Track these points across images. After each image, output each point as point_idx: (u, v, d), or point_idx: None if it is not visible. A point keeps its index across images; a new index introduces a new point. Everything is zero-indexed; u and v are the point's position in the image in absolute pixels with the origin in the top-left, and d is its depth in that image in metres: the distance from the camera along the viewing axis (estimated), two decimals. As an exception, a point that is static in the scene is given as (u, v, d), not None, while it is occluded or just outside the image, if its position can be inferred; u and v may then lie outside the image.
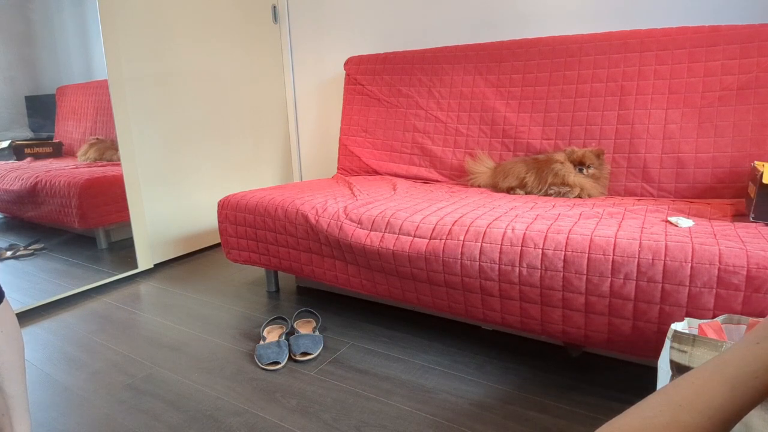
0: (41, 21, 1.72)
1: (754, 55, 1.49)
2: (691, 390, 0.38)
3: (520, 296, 1.15)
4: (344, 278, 1.47)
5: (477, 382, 1.21)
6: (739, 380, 0.37)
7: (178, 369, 1.32)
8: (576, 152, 1.61)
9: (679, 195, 1.55)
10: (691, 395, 0.37)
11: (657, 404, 0.38)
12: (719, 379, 0.37)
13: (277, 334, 1.46)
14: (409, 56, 2.13)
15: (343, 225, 1.40)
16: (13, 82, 1.67)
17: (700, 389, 0.37)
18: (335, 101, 2.58)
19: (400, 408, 1.11)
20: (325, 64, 2.57)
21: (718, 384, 0.37)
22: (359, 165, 2.19)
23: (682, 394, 0.38)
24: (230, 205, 1.69)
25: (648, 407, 0.38)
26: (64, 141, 1.85)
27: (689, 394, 0.37)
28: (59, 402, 1.18)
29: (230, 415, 1.11)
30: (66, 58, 1.81)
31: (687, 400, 0.37)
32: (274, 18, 2.64)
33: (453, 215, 1.31)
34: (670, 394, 0.39)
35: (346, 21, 2.44)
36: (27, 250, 1.80)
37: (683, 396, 0.37)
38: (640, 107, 1.63)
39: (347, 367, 1.30)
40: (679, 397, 0.37)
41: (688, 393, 0.38)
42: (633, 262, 1.02)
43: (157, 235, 2.18)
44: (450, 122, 2.00)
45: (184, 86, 2.22)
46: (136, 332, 1.54)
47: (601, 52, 1.71)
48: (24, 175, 1.74)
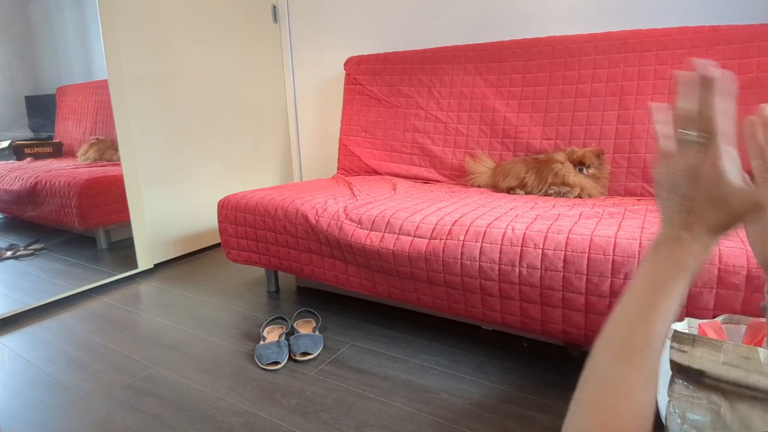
0: (41, 21, 1.72)
1: (754, 55, 1.49)
2: (626, 332, 0.40)
3: (520, 296, 1.15)
4: (344, 278, 1.47)
5: (477, 382, 1.21)
6: (657, 303, 0.39)
7: (178, 369, 1.32)
8: (576, 152, 1.61)
9: (679, 195, 1.55)
10: (629, 336, 0.40)
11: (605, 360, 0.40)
12: (640, 311, 0.39)
13: (277, 334, 1.46)
14: (409, 56, 2.13)
15: (343, 225, 1.40)
16: (13, 82, 1.67)
17: (633, 329, 0.39)
18: (335, 101, 2.58)
19: (400, 408, 1.11)
20: (325, 64, 2.57)
21: (642, 315, 0.39)
22: (359, 165, 2.19)
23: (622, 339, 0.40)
24: (230, 205, 1.69)
25: (600, 367, 0.40)
26: (64, 141, 1.85)
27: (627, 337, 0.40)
28: (59, 402, 1.18)
29: (230, 415, 1.11)
30: (66, 58, 1.81)
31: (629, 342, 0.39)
32: (274, 18, 2.64)
33: (453, 215, 1.31)
34: (610, 346, 0.40)
35: (346, 21, 2.44)
36: (27, 250, 1.80)
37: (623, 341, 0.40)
38: (640, 107, 1.63)
39: (347, 367, 1.30)
40: (620, 343, 0.40)
41: (625, 336, 0.40)
42: (633, 262, 1.02)
43: (157, 235, 2.18)
44: (450, 122, 2.00)
45: (184, 86, 2.22)
46: (136, 332, 1.54)
47: (601, 52, 1.71)
48: (24, 175, 1.74)
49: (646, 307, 0.39)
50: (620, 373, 0.38)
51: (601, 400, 0.38)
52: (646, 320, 0.39)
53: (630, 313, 0.40)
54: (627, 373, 0.38)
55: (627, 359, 0.38)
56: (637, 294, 0.41)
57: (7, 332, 1.57)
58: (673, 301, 0.39)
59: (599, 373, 0.40)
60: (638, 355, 0.38)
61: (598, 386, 0.39)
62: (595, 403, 0.39)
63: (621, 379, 0.38)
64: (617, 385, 0.38)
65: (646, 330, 0.39)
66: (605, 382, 0.39)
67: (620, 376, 0.38)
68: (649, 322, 0.39)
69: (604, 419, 0.37)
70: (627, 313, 0.41)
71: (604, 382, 0.39)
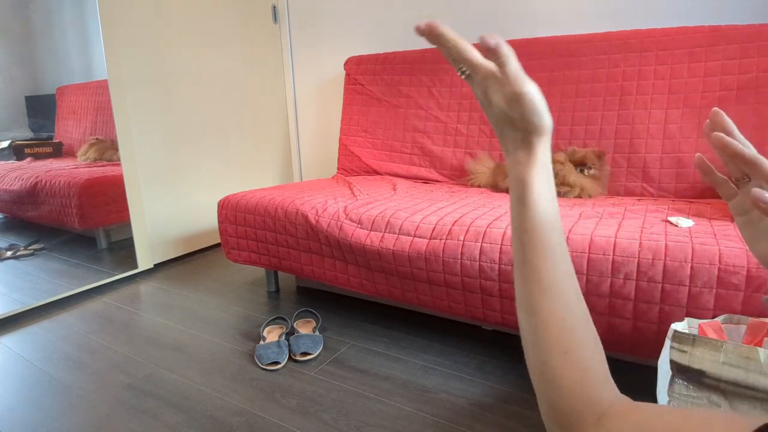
0: (41, 21, 1.72)
1: (754, 55, 1.49)
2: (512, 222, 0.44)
3: (520, 296, 1.15)
4: (344, 278, 1.47)
5: (477, 382, 1.21)
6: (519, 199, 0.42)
7: (178, 369, 1.32)
8: (577, 152, 1.60)
9: (679, 195, 1.55)
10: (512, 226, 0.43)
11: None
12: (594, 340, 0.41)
13: (277, 334, 1.46)
14: (409, 56, 2.13)
15: (343, 225, 1.40)
16: (13, 82, 1.67)
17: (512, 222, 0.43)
18: (335, 101, 2.58)
19: (400, 408, 1.11)
20: (325, 64, 2.57)
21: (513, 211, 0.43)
22: (359, 165, 2.19)
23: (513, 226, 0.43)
24: (230, 205, 1.68)
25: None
26: (64, 141, 1.85)
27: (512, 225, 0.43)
28: (59, 402, 1.18)
29: (230, 415, 1.11)
30: (66, 58, 1.81)
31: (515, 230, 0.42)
32: (274, 18, 2.64)
33: (453, 215, 1.31)
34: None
35: (346, 21, 2.44)
36: (27, 250, 1.80)
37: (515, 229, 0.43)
38: (640, 107, 1.63)
39: (347, 367, 1.30)
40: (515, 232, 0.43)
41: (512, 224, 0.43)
42: (633, 262, 1.02)
43: (157, 235, 2.18)
44: (450, 122, 2.00)
45: (184, 86, 2.22)
46: (136, 332, 1.54)
47: (602, 51, 1.71)
48: (24, 175, 1.74)
49: (516, 205, 0.42)
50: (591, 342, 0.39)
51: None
52: (521, 217, 0.42)
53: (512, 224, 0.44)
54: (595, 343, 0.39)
55: (522, 259, 0.41)
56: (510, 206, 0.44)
57: (7, 332, 1.57)
58: (530, 191, 0.41)
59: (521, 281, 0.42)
60: (526, 246, 0.41)
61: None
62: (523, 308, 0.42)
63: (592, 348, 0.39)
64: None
65: (524, 220, 0.41)
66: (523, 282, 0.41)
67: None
68: (522, 216, 0.42)
69: (532, 323, 0.40)
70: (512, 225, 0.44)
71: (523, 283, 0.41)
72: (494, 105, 0.42)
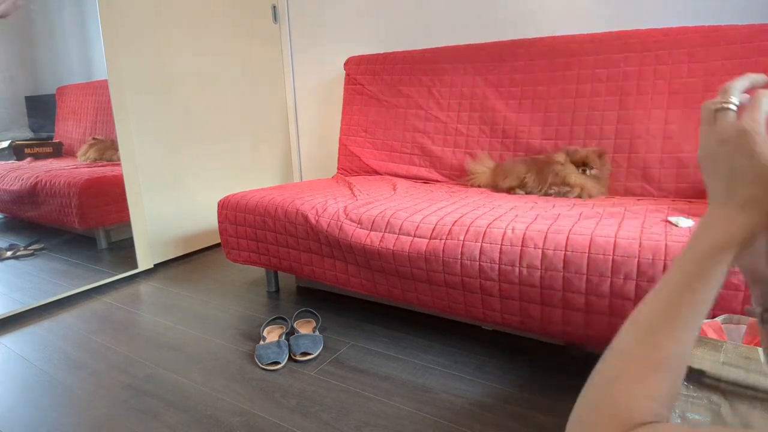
0: (41, 21, 1.72)
1: (754, 55, 1.49)
2: (651, 311, 0.39)
3: (520, 296, 1.15)
4: (344, 278, 1.47)
5: (477, 382, 1.21)
6: (687, 283, 0.38)
7: (178, 369, 1.32)
8: (579, 152, 1.60)
9: (680, 195, 1.55)
10: (654, 315, 0.39)
11: (628, 337, 0.39)
12: (670, 291, 0.38)
13: (277, 334, 1.46)
14: (409, 56, 2.13)
15: (343, 225, 1.40)
16: (13, 82, 1.67)
17: (658, 307, 0.39)
18: (335, 101, 2.58)
19: (400, 408, 1.11)
20: (325, 64, 2.57)
21: (671, 295, 0.38)
22: (359, 165, 2.19)
23: (646, 318, 0.39)
24: (230, 205, 1.68)
25: (621, 343, 0.40)
26: (64, 141, 1.85)
27: (651, 315, 0.39)
28: (59, 402, 1.18)
29: (230, 415, 1.11)
30: (66, 58, 1.81)
31: (652, 321, 0.38)
32: (274, 18, 2.64)
33: (453, 215, 1.31)
34: (635, 323, 0.40)
35: (346, 21, 2.44)
36: (27, 250, 1.80)
37: (647, 319, 0.39)
38: (640, 107, 1.63)
39: (347, 367, 1.30)
40: (644, 322, 0.39)
41: (650, 314, 0.39)
42: (633, 261, 1.02)
43: (157, 235, 2.18)
44: (450, 122, 2.00)
45: (184, 86, 2.22)
46: (136, 332, 1.54)
47: (601, 52, 1.71)
48: (24, 175, 1.75)
49: (676, 285, 0.38)
50: (638, 352, 0.38)
51: (615, 376, 0.38)
52: (675, 299, 0.38)
53: (660, 290, 0.39)
54: (644, 353, 0.37)
55: (648, 338, 0.38)
56: (670, 273, 0.39)
57: (7, 332, 1.57)
58: (704, 280, 0.37)
59: (619, 348, 0.40)
60: (659, 335, 0.37)
61: (615, 362, 0.39)
62: (611, 378, 0.38)
63: (637, 358, 0.37)
64: (633, 363, 0.37)
65: (671, 310, 0.37)
66: (622, 358, 0.39)
67: (637, 354, 0.38)
68: (677, 302, 0.37)
69: (615, 397, 0.37)
70: (657, 290, 0.39)
71: (621, 358, 0.39)
72: (756, 153, 0.36)
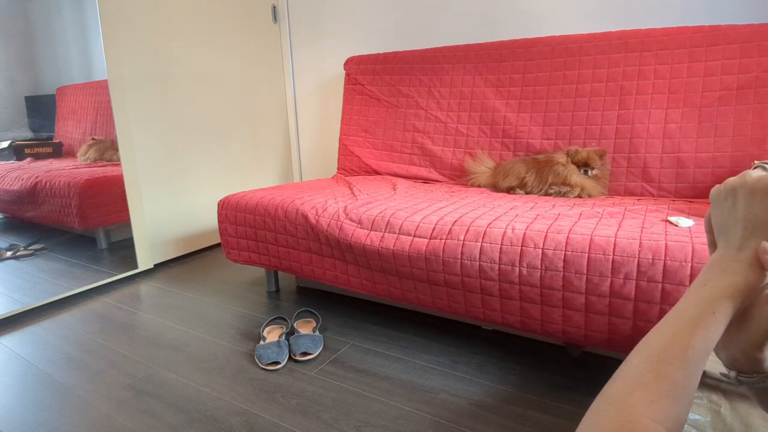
0: (41, 21, 1.72)
1: (754, 54, 1.49)
2: (664, 341, 0.41)
3: (520, 296, 1.15)
4: (344, 278, 1.47)
5: (477, 382, 1.21)
6: (701, 319, 0.41)
7: (178, 369, 1.32)
8: (580, 152, 1.60)
9: (679, 195, 1.55)
10: (666, 345, 0.41)
11: (639, 363, 0.41)
12: (684, 324, 0.41)
13: (277, 334, 1.46)
14: (409, 56, 2.13)
15: (343, 225, 1.40)
16: (13, 82, 1.67)
17: (671, 338, 0.41)
18: (335, 101, 2.58)
19: (400, 408, 1.11)
20: (325, 64, 2.57)
21: (684, 328, 0.41)
22: (359, 165, 2.19)
23: (659, 347, 0.41)
24: (230, 205, 1.68)
25: (632, 368, 0.41)
26: (64, 141, 1.85)
27: (664, 345, 0.41)
28: (59, 402, 1.18)
29: (230, 415, 1.11)
30: (66, 58, 1.81)
31: (664, 351, 0.40)
32: (274, 18, 2.64)
33: (453, 215, 1.31)
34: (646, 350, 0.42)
35: (346, 21, 2.44)
36: (27, 250, 1.80)
37: (659, 348, 0.41)
38: (640, 107, 1.63)
39: (347, 367, 1.30)
40: (656, 350, 0.41)
41: (663, 344, 0.41)
42: (633, 261, 1.02)
43: (157, 235, 2.18)
44: (450, 122, 2.00)
45: (184, 86, 2.22)
46: (136, 332, 1.54)
47: (601, 51, 1.71)
48: (24, 176, 1.74)
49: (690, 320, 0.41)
50: (648, 377, 0.39)
51: (624, 398, 0.39)
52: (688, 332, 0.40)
53: (673, 322, 0.42)
54: (654, 379, 0.39)
55: (659, 366, 0.39)
56: (684, 307, 0.42)
57: (7, 332, 1.57)
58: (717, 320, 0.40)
59: (629, 372, 0.41)
60: (670, 364, 0.39)
61: (625, 385, 0.40)
62: (617, 400, 0.40)
63: (647, 383, 0.39)
64: (643, 388, 0.39)
65: (684, 342, 0.40)
66: (632, 382, 0.40)
67: (647, 380, 0.39)
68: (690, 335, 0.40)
69: (623, 418, 0.38)
70: (670, 321, 0.42)
71: (631, 382, 0.40)
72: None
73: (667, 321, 0.43)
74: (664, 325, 0.42)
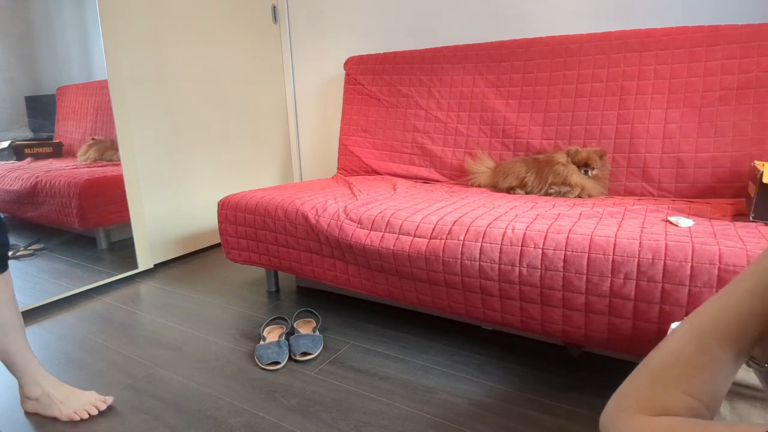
0: (41, 21, 1.72)
1: (754, 54, 1.49)
2: (712, 314, 0.40)
3: (520, 296, 1.15)
4: (344, 278, 1.47)
5: (477, 382, 1.21)
6: (754, 293, 0.39)
7: (178, 369, 1.32)
8: (580, 153, 1.60)
9: (679, 195, 1.55)
10: (713, 318, 0.39)
11: (683, 334, 0.40)
12: (735, 298, 0.39)
13: (277, 334, 1.46)
14: (409, 56, 2.13)
15: (343, 225, 1.40)
16: (13, 82, 1.67)
17: (719, 312, 0.39)
18: (335, 101, 2.58)
19: (400, 408, 1.11)
20: (325, 64, 2.57)
21: (735, 302, 0.39)
22: (359, 165, 2.19)
23: (705, 319, 0.40)
24: (230, 205, 1.69)
25: (676, 339, 0.40)
26: (64, 141, 1.85)
27: (710, 318, 0.39)
28: (59, 402, 1.18)
29: (230, 415, 1.11)
30: (66, 58, 1.81)
31: (709, 323, 0.39)
32: (274, 18, 2.64)
33: (453, 215, 1.31)
34: (693, 322, 0.40)
35: (346, 21, 2.44)
36: (27, 250, 1.80)
37: (705, 320, 0.40)
38: (640, 107, 1.63)
39: (347, 367, 1.30)
40: (701, 323, 0.40)
41: (709, 317, 0.40)
42: (633, 261, 1.02)
43: (157, 235, 2.18)
44: (450, 122, 2.00)
45: (184, 86, 2.22)
46: (136, 332, 1.54)
47: (601, 51, 1.71)
48: (24, 176, 1.74)
49: (743, 293, 0.39)
50: (690, 350, 0.39)
51: (662, 370, 0.39)
52: (735, 319, 0.39)
53: (726, 296, 0.40)
54: (695, 353, 0.38)
55: (701, 339, 0.39)
56: (742, 278, 0.40)
57: (7, 332, 1.57)
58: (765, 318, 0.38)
59: (671, 343, 0.41)
60: (713, 338, 0.38)
61: (665, 356, 0.40)
62: (656, 371, 0.40)
63: (688, 356, 0.39)
64: (683, 360, 0.38)
65: (728, 327, 0.39)
66: (673, 353, 0.40)
67: (688, 353, 0.39)
68: (736, 322, 0.39)
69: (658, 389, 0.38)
70: (723, 294, 0.41)
71: (672, 354, 0.40)
72: None
73: (721, 294, 0.41)
74: (717, 298, 0.41)
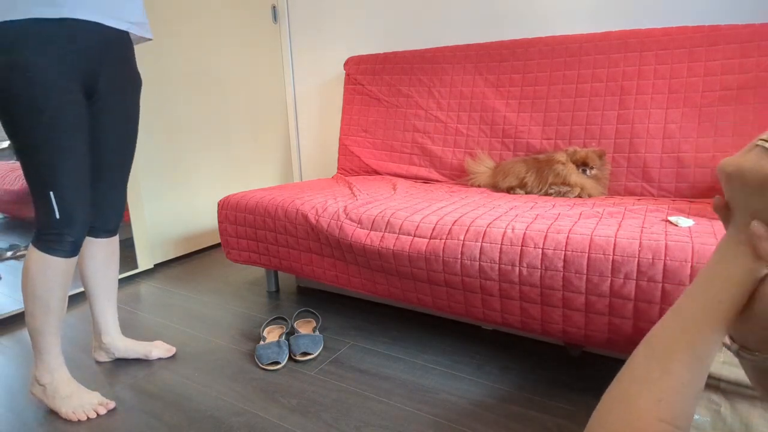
0: (41, 21, 1.72)
1: (754, 54, 1.49)
2: (669, 336, 0.40)
3: (520, 296, 1.15)
4: (344, 278, 1.47)
5: (477, 382, 1.21)
6: (708, 309, 0.38)
7: (178, 369, 1.32)
8: (579, 153, 1.60)
9: (680, 194, 1.55)
10: (672, 341, 0.39)
11: (644, 360, 0.40)
12: (690, 318, 0.39)
13: (277, 334, 1.46)
14: (409, 56, 2.13)
15: (343, 225, 1.40)
16: (13, 82, 1.66)
17: (677, 334, 0.39)
18: (335, 101, 2.58)
19: (401, 408, 1.11)
20: (325, 64, 2.57)
21: (691, 323, 0.39)
22: (359, 165, 2.19)
23: (664, 343, 0.40)
24: (230, 205, 1.69)
25: (638, 366, 0.40)
26: (64, 141, 1.84)
27: (669, 341, 0.39)
28: (59, 402, 1.18)
29: (230, 415, 1.11)
30: (66, 58, 1.80)
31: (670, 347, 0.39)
32: (274, 18, 2.64)
33: (453, 215, 1.31)
34: (652, 347, 0.40)
35: (346, 21, 2.44)
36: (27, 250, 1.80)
37: (665, 344, 0.39)
38: (640, 107, 1.63)
39: (347, 367, 1.30)
40: (662, 347, 0.40)
41: (668, 340, 0.39)
42: (633, 261, 1.02)
43: (157, 235, 2.18)
44: (450, 122, 2.00)
45: (184, 86, 2.22)
46: (136, 332, 1.54)
47: (601, 51, 1.71)
48: (24, 175, 1.74)
49: (697, 312, 0.39)
50: (654, 375, 0.38)
51: (630, 398, 0.39)
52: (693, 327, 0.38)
53: (680, 319, 0.40)
54: (660, 376, 0.38)
55: (664, 363, 0.38)
56: (693, 292, 0.40)
57: (7, 332, 1.57)
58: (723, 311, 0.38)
59: (634, 370, 0.40)
60: (675, 363, 0.38)
61: (630, 384, 0.40)
62: (624, 400, 0.39)
63: (654, 381, 0.38)
64: (649, 386, 0.38)
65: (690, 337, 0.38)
66: (638, 380, 0.39)
67: (654, 378, 0.38)
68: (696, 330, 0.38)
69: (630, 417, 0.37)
70: (678, 317, 0.40)
71: (637, 381, 0.39)
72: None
73: (673, 312, 0.41)
74: (671, 316, 0.41)
